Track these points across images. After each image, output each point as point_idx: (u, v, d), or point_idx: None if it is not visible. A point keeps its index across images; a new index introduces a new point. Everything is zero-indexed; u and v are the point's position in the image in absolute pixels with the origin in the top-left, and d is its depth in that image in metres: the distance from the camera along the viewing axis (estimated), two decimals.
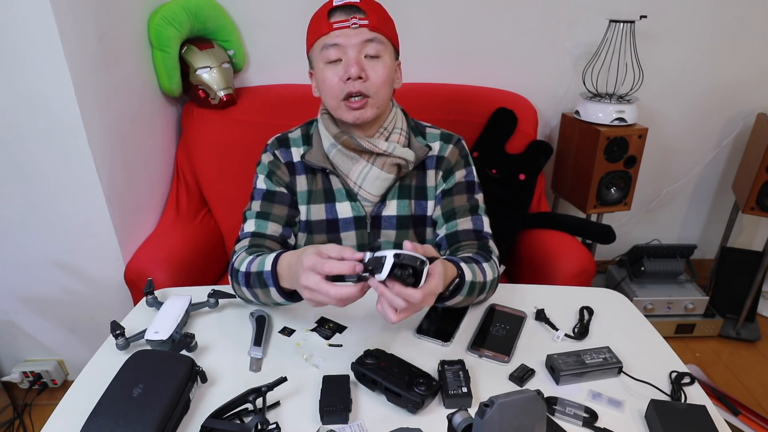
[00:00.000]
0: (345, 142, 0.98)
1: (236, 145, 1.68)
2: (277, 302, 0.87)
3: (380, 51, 0.94)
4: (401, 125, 1.04)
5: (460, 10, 1.81)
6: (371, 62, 0.93)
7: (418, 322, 0.92)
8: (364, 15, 0.92)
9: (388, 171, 1.00)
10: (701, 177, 2.23)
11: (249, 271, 0.88)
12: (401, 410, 0.73)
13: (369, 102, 0.94)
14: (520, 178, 1.72)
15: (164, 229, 1.59)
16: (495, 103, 1.74)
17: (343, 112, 0.95)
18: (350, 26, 0.91)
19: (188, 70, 1.64)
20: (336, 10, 0.93)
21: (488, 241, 1.02)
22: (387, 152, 0.98)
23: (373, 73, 0.93)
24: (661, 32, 1.90)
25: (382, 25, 0.94)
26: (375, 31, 0.92)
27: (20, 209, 1.34)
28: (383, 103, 0.97)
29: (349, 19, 0.91)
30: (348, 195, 1.03)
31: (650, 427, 0.71)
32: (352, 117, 0.95)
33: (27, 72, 1.18)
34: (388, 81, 0.95)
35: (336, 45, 0.92)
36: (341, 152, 1.00)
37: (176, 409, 0.69)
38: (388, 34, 0.96)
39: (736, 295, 2.06)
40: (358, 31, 0.91)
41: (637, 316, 0.97)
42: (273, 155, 1.05)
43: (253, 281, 0.87)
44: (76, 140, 1.25)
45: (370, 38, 0.92)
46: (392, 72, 0.97)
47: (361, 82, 0.92)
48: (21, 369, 1.60)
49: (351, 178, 1.01)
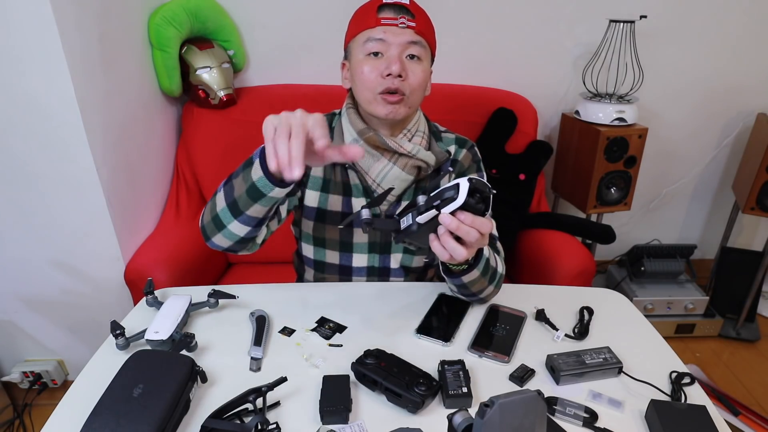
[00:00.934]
0: (370, 138, 0.98)
1: (236, 145, 1.68)
2: (254, 183, 0.77)
3: (422, 54, 0.95)
4: (424, 129, 1.04)
5: (460, 11, 1.81)
6: (411, 63, 0.95)
7: (419, 322, 0.92)
8: (412, 17, 0.93)
9: (409, 172, 1.00)
10: (701, 177, 2.23)
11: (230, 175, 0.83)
12: (401, 410, 0.73)
13: (404, 100, 0.95)
14: (520, 178, 1.72)
15: (164, 229, 1.59)
16: (495, 103, 1.75)
17: (378, 105, 0.95)
18: (398, 25, 0.93)
19: (188, 70, 1.64)
20: (386, 7, 0.94)
21: (496, 242, 1.03)
22: (411, 153, 0.99)
23: (412, 74, 0.94)
24: (661, 32, 1.90)
25: (427, 31, 0.96)
26: (420, 35, 0.94)
27: (20, 209, 1.34)
28: (415, 105, 0.98)
29: (398, 18, 0.93)
30: (365, 192, 1.03)
31: (650, 427, 0.71)
32: (385, 111, 0.95)
33: (27, 72, 1.18)
34: (423, 84, 0.97)
35: (381, 40, 0.93)
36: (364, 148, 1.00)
37: (176, 409, 0.69)
38: (430, 40, 0.98)
39: (736, 295, 2.06)
40: (405, 31, 0.93)
41: (637, 316, 0.97)
42: None
43: (235, 172, 0.82)
44: (76, 140, 1.25)
45: (415, 40, 0.94)
46: (428, 77, 0.99)
47: (400, 80, 0.93)
48: (21, 369, 1.60)
49: (371, 176, 1.01)
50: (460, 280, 0.88)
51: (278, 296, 1.00)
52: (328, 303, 0.98)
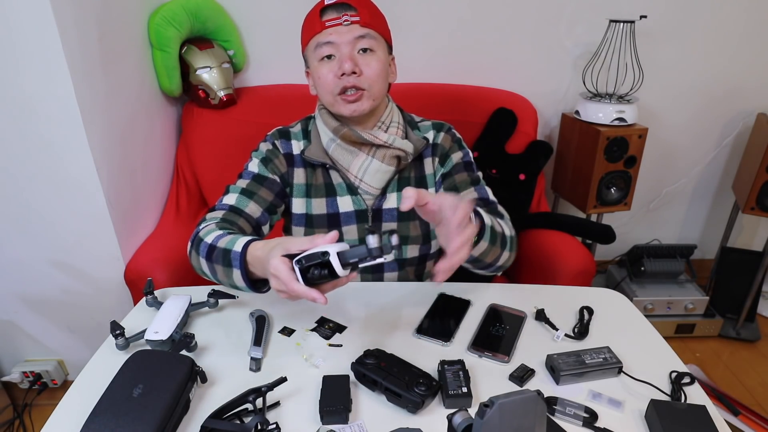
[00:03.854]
0: (345, 135, 0.99)
1: (236, 145, 1.68)
2: (236, 286, 0.85)
3: (373, 45, 0.95)
4: (398, 119, 1.05)
5: (460, 11, 1.81)
6: (364, 57, 0.95)
7: (418, 322, 0.92)
8: (355, 12, 0.93)
9: (389, 163, 1.01)
10: (701, 177, 2.23)
11: (215, 245, 0.86)
12: (401, 410, 0.73)
13: (364, 95, 0.95)
14: (520, 178, 1.72)
15: (164, 229, 1.59)
16: (495, 103, 1.74)
17: (340, 106, 0.97)
18: (342, 23, 0.93)
19: (188, 70, 1.64)
20: (327, 9, 0.94)
21: (497, 206, 1.04)
22: (387, 143, 1.00)
23: (366, 67, 0.95)
24: (661, 32, 1.90)
25: (374, 21, 0.96)
26: (367, 27, 0.94)
27: (20, 209, 1.34)
28: (378, 95, 0.98)
29: (341, 17, 0.93)
30: (349, 189, 1.04)
31: (650, 427, 0.71)
32: (348, 110, 0.96)
33: (27, 72, 1.18)
34: (382, 74, 0.97)
35: (329, 42, 0.94)
36: (341, 146, 1.01)
37: (176, 409, 0.69)
38: (380, 29, 0.97)
39: (736, 295, 2.06)
40: (350, 28, 0.93)
41: (637, 316, 0.97)
42: (272, 145, 1.05)
43: (216, 257, 0.85)
44: (76, 140, 1.25)
45: (363, 34, 0.94)
46: (386, 66, 0.99)
47: (355, 76, 0.94)
48: (21, 369, 1.60)
49: (351, 172, 1.02)
50: (471, 256, 0.88)
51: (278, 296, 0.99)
52: (329, 303, 0.97)
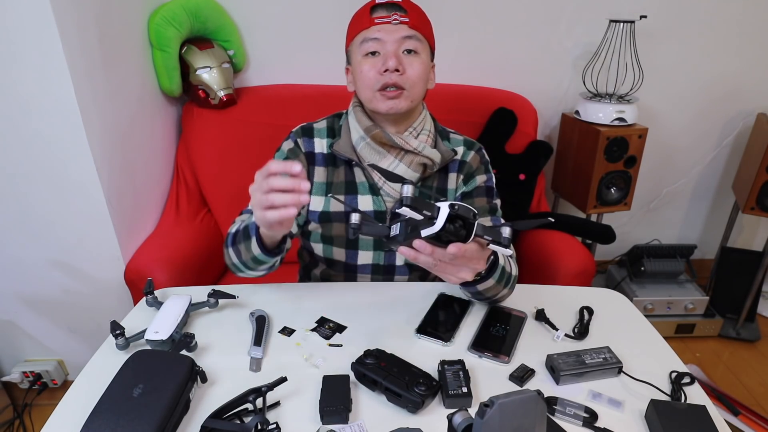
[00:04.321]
0: (376, 135, 0.99)
1: (236, 145, 1.68)
2: (255, 256, 0.89)
3: (418, 48, 0.97)
4: (429, 127, 1.06)
5: (460, 11, 1.81)
6: (409, 57, 0.96)
7: (418, 322, 0.92)
8: (404, 13, 0.96)
9: (415, 169, 1.02)
10: (701, 177, 2.23)
11: (238, 230, 0.92)
12: (401, 410, 0.73)
13: (404, 94, 0.96)
14: (520, 178, 1.72)
15: (164, 229, 1.59)
16: (495, 103, 1.74)
17: (378, 101, 0.97)
18: (391, 22, 0.95)
19: (188, 70, 1.64)
20: (378, 7, 0.96)
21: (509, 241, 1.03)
22: (416, 150, 1.00)
23: (410, 67, 0.96)
24: (661, 32, 1.90)
25: (421, 25, 0.98)
26: (414, 29, 0.96)
27: (20, 209, 1.34)
28: (417, 98, 0.99)
29: (391, 15, 0.95)
30: (371, 189, 1.04)
31: (650, 427, 0.71)
32: (386, 106, 0.96)
33: (27, 72, 1.18)
34: (424, 77, 0.98)
35: (376, 39, 0.95)
36: (369, 146, 1.01)
37: (176, 409, 0.69)
38: (426, 34, 0.99)
39: (736, 295, 2.06)
40: (398, 27, 0.95)
41: (637, 316, 0.97)
42: (294, 143, 1.06)
43: (239, 237, 0.91)
44: (76, 140, 1.25)
45: (409, 35, 0.95)
46: (428, 70, 1.00)
47: (398, 74, 0.95)
48: (21, 369, 1.60)
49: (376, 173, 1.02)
50: (475, 288, 0.88)
51: (278, 296, 1.00)
52: (328, 303, 0.98)
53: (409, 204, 0.65)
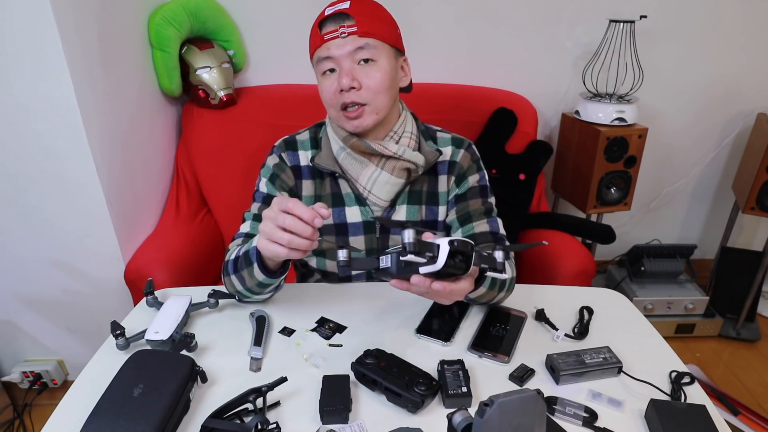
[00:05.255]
0: (354, 144, 0.97)
1: (236, 145, 1.68)
2: (260, 281, 0.86)
3: (374, 55, 0.91)
4: (411, 129, 1.02)
5: (460, 10, 1.81)
6: (365, 68, 0.91)
7: (418, 322, 0.92)
8: (352, 22, 0.89)
9: (398, 175, 0.99)
10: (701, 177, 2.23)
11: (237, 255, 0.89)
12: (401, 410, 0.73)
13: (366, 110, 0.93)
14: (520, 178, 1.72)
15: (164, 229, 1.59)
16: (495, 103, 1.74)
17: (343, 122, 0.96)
18: (339, 36, 0.90)
19: (188, 70, 1.64)
20: (326, 21, 0.92)
21: (505, 241, 1.03)
22: (397, 155, 0.97)
23: (367, 79, 0.91)
24: (661, 32, 1.90)
25: (374, 28, 0.91)
26: (365, 37, 0.90)
27: (20, 209, 1.34)
28: (383, 107, 0.95)
29: (338, 29, 0.90)
30: (357, 199, 1.02)
31: (650, 427, 0.71)
32: (351, 126, 0.95)
33: (27, 72, 1.18)
34: (386, 84, 0.93)
35: (329, 57, 0.92)
36: (350, 156, 0.99)
37: (176, 409, 0.69)
38: (382, 35, 0.92)
39: (736, 295, 2.06)
40: (347, 40, 0.90)
41: (637, 316, 0.97)
42: (279, 157, 1.04)
43: (240, 264, 0.87)
44: (76, 140, 1.25)
45: (361, 45, 0.90)
46: (392, 73, 0.94)
47: (355, 91, 0.91)
48: (21, 369, 1.60)
49: (360, 183, 1.00)
50: (467, 297, 0.87)
51: (278, 296, 1.00)
52: (328, 303, 0.98)
53: (413, 251, 0.64)
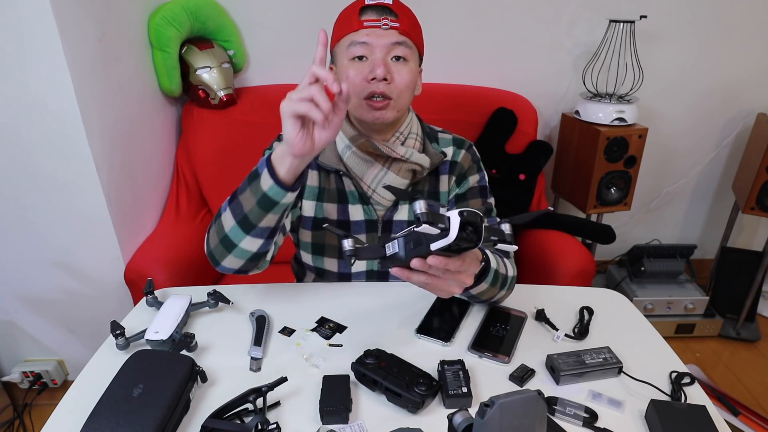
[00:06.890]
0: (362, 145, 0.97)
1: (236, 145, 1.68)
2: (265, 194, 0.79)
3: (408, 55, 0.93)
4: (416, 131, 1.03)
5: (460, 10, 1.81)
6: (397, 65, 0.92)
7: (418, 322, 0.92)
8: (395, 17, 0.91)
9: (403, 176, 0.99)
10: (701, 177, 2.23)
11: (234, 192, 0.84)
12: (401, 410, 0.73)
13: (391, 104, 0.93)
14: (520, 178, 1.72)
15: (164, 229, 1.59)
16: (495, 103, 1.75)
17: (364, 110, 0.94)
18: (381, 26, 0.90)
19: (188, 70, 1.64)
20: (368, 9, 0.92)
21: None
22: (404, 157, 0.97)
23: (398, 75, 0.92)
24: (661, 32, 1.90)
25: (412, 31, 0.93)
26: (404, 35, 0.92)
27: (20, 209, 1.34)
28: (403, 107, 0.96)
29: (381, 20, 0.90)
30: (361, 198, 1.02)
31: (650, 427, 0.71)
32: (372, 117, 0.94)
33: (27, 72, 1.18)
34: (411, 86, 0.94)
35: (364, 43, 0.91)
36: (356, 155, 0.99)
37: (176, 409, 0.69)
38: (417, 40, 0.95)
39: (736, 295, 2.06)
40: (388, 33, 0.91)
41: (637, 316, 0.97)
42: None
43: (240, 188, 0.82)
44: (76, 140, 1.25)
45: (399, 41, 0.91)
46: (416, 78, 0.96)
47: (385, 83, 0.91)
48: (21, 369, 1.60)
49: (365, 182, 1.00)
50: (468, 293, 0.87)
51: (278, 296, 1.00)
52: (328, 303, 0.98)
53: (426, 221, 0.63)
